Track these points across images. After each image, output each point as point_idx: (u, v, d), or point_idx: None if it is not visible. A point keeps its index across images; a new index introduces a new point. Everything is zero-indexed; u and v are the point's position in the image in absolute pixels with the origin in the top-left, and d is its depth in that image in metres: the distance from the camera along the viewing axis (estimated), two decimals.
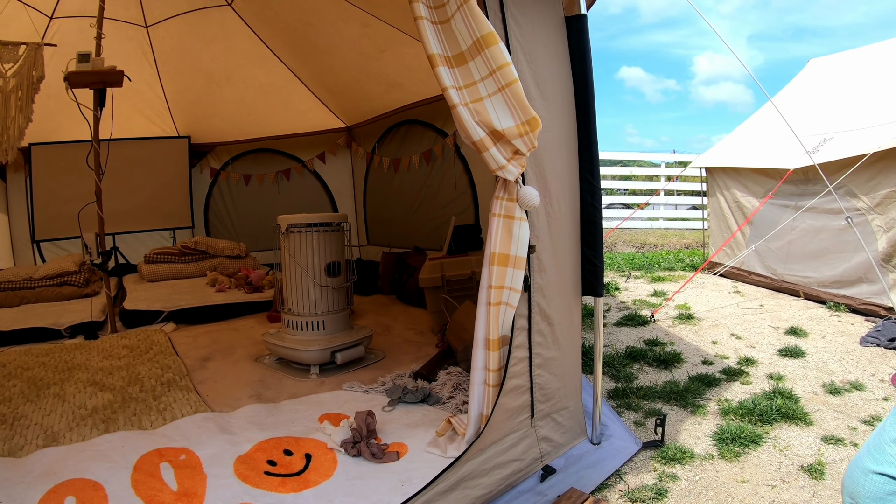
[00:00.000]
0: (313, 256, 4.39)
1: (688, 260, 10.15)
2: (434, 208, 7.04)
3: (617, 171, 15.63)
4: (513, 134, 2.45)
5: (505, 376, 2.68)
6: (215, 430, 3.31)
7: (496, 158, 2.48)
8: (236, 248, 8.12)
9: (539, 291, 2.80)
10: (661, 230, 13.28)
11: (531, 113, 2.44)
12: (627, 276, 9.05)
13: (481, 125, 2.46)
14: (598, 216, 3.03)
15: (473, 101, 2.48)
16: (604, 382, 4.27)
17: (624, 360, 4.74)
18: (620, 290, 7.90)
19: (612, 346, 5.18)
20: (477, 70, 2.48)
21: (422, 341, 5.11)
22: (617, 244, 12.10)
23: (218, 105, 8.09)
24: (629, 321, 6.06)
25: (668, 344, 5.21)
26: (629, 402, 3.94)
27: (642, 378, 4.42)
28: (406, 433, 3.25)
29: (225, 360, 4.74)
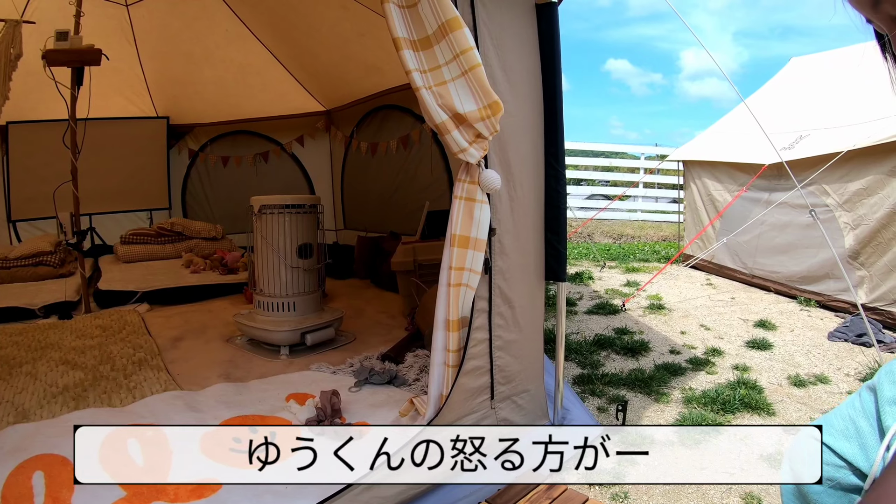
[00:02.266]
0: (285, 238, 4.40)
1: (663, 252, 10.22)
2: (410, 193, 7.04)
3: (599, 162, 15.68)
4: (475, 117, 2.47)
5: (464, 357, 2.70)
6: (183, 407, 3.33)
7: (458, 141, 2.50)
8: (213, 230, 8.09)
9: (500, 274, 2.83)
10: (639, 222, 13.37)
11: (493, 97, 2.46)
12: (602, 265, 9.10)
13: (444, 108, 2.47)
14: (563, 202, 3.05)
15: (437, 85, 2.49)
16: (570, 369, 4.33)
17: (592, 348, 4.79)
18: (594, 280, 7.95)
19: (581, 334, 5.23)
20: (441, 54, 2.50)
21: (393, 324, 5.14)
22: (595, 234, 12.17)
23: (197, 86, 8.03)
24: (600, 310, 6.11)
25: (636, 333, 5.26)
26: (594, 388, 3.99)
27: (609, 365, 4.47)
28: (370, 413, 3.29)
29: (196, 340, 4.74)
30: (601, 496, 2.80)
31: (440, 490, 2.65)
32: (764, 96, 8.55)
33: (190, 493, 2.47)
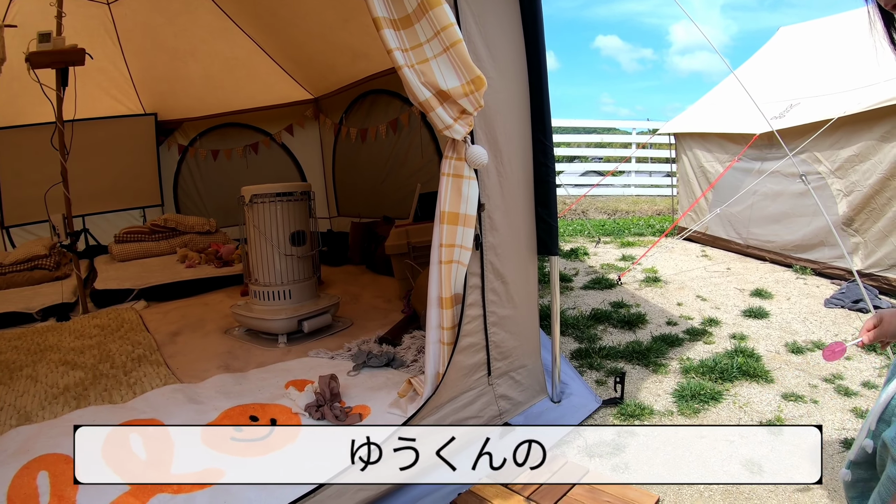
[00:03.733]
0: (278, 226, 4.39)
1: (658, 226, 10.23)
2: (402, 177, 7.03)
3: (591, 138, 15.66)
4: (458, 93, 2.46)
5: (459, 334, 2.71)
6: (183, 400, 3.32)
7: (443, 118, 2.49)
8: (206, 224, 8.08)
9: (492, 250, 2.83)
10: (633, 197, 13.36)
11: (476, 72, 2.45)
12: (597, 241, 9.10)
13: (427, 86, 2.47)
14: (552, 176, 3.05)
15: (419, 63, 2.48)
16: (568, 343, 4.34)
17: (588, 322, 4.80)
18: (589, 255, 7.95)
19: (577, 309, 5.24)
20: (422, 32, 2.49)
21: (389, 308, 5.14)
22: (589, 211, 12.16)
23: (184, 81, 8.00)
24: (596, 284, 6.11)
25: (633, 306, 5.27)
26: (592, 361, 3.99)
27: (606, 339, 4.48)
28: (369, 396, 3.29)
29: (194, 333, 4.74)
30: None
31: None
32: (753, 67, 8.53)
33: (193, 484, 2.47)
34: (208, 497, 2.37)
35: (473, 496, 2.56)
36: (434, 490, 2.58)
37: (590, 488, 2.58)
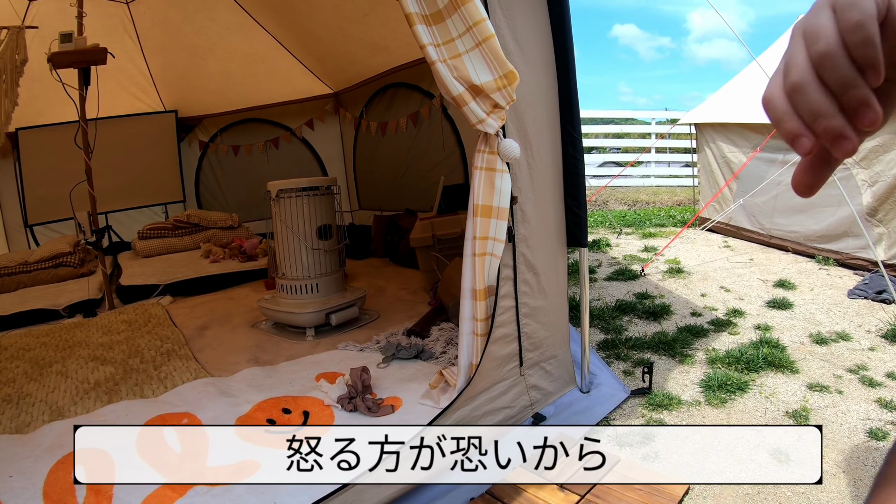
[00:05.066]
0: (304, 220, 4.43)
1: (679, 216, 10.19)
2: (423, 170, 7.05)
3: (609, 129, 15.60)
4: (491, 88, 2.49)
5: (492, 325, 2.74)
6: (215, 393, 3.37)
7: (476, 112, 2.52)
8: (229, 219, 8.13)
9: (523, 242, 2.86)
10: (652, 188, 13.30)
11: (508, 67, 2.47)
12: (619, 232, 9.09)
13: (460, 80, 2.49)
14: (581, 167, 3.08)
15: (452, 58, 2.51)
16: (594, 334, 4.35)
17: (614, 313, 4.81)
18: (611, 247, 7.95)
19: (602, 300, 5.25)
20: (454, 27, 2.51)
21: (415, 300, 5.18)
22: (609, 202, 12.13)
23: (203, 78, 8.05)
24: (619, 276, 6.12)
25: (657, 297, 5.27)
26: (618, 352, 4.01)
27: (632, 330, 4.49)
28: (400, 387, 3.32)
29: (222, 327, 4.79)
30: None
31: None
32: (775, 55, 8.45)
33: (230, 476, 2.51)
34: (245, 489, 2.41)
35: (508, 485, 2.59)
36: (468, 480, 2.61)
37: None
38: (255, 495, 2.38)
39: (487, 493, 2.57)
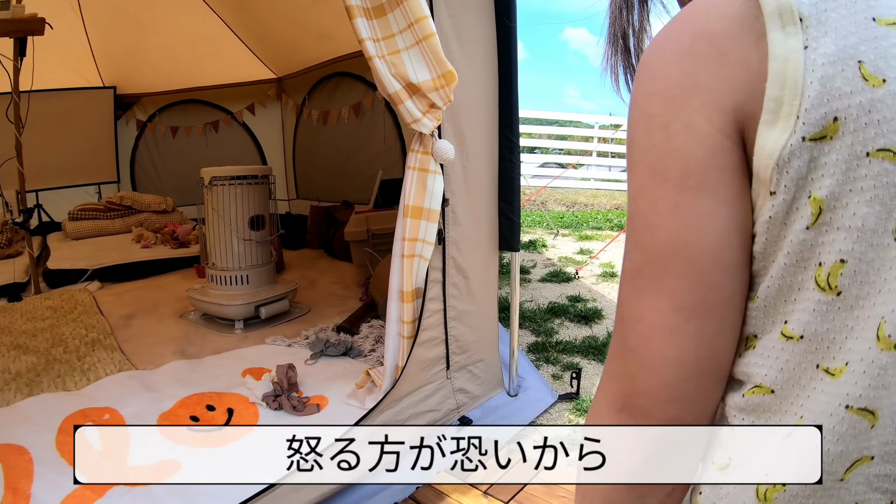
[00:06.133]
0: (237, 210, 4.32)
1: (616, 220, 10.30)
2: (363, 162, 6.97)
3: (553, 130, 15.70)
4: (428, 87, 2.45)
5: (419, 328, 2.71)
6: (139, 388, 3.27)
7: (411, 111, 2.48)
8: (163, 203, 7.92)
9: (454, 245, 2.83)
10: (592, 191, 13.43)
11: (447, 66, 2.44)
12: (555, 233, 9.16)
13: (397, 78, 2.45)
14: (517, 172, 3.07)
15: (391, 54, 2.47)
16: (525, 337, 4.36)
17: (546, 315, 4.83)
18: (547, 248, 8.00)
19: (535, 302, 5.27)
20: (395, 22, 2.47)
21: (347, 295, 5.12)
22: (548, 202, 12.18)
23: (145, 54, 7.78)
24: (554, 277, 6.15)
25: (590, 300, 5.32)
26: (548, 355, 4.03)
27: (563, 333, 4.52)
28: (327, 386, 3.27)
29: (150, 317, 4.65)
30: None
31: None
32: None
33: (150, 476, 2.44)
34: (165, 489, 2.35)
35: (432, 490, 2.58)
36: (391, 484, 2.59)
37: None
38: (174, 496, 2.33)
39: (411, 497, 2.55)
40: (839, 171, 0.54)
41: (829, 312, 0.56)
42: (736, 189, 0.59)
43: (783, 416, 0.61)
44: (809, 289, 0.57)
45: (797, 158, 0.55)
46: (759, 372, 0.62)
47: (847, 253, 0.54)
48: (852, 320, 0.55)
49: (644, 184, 0.63)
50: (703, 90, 0.58)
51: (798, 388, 0.59)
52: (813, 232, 0.56)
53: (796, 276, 0.58)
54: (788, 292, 0.59)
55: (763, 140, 0.56)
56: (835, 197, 0.54)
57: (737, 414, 0.66)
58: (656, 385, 0.62)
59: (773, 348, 0.61)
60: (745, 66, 0.57)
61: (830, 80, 0.53)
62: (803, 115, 0.54)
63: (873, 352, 0.54)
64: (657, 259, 0.62)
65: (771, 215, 0.58)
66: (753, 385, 0.63)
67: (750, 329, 0.64)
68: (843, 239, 0.54)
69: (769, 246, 0.59)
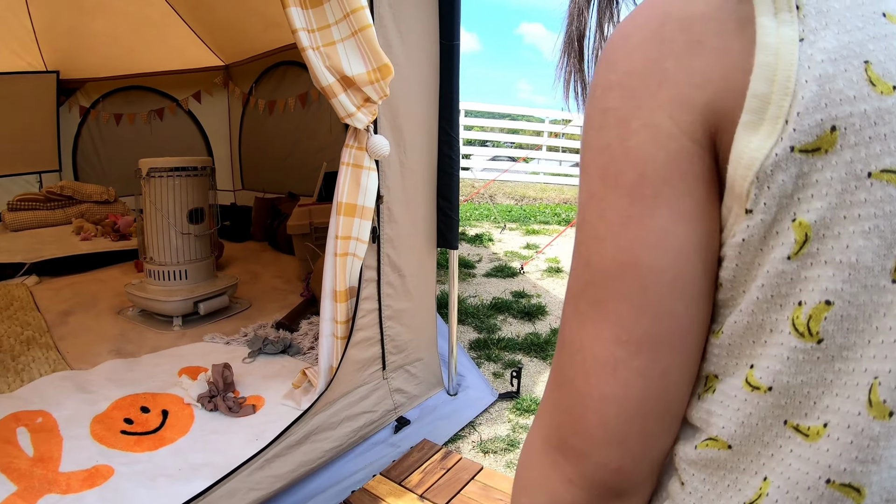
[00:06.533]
0: (175, 202, 4.21)
1: (564, 215, 10.36)
2: (308, 153, 6.86)
3: (505, 124, 15.74)
4: (363, 80, 2.39)
5: (353, 328, 2.66)
6: (73, 389, 3.18)
7: (345, 105, 2.42)
8: (105, 193, 7.71)
9: (389, 242, 2.78)
10: (541, 184, 13.48)
11: (383, 59, 2.38)
12: (502, 227, 9.16)
13: (331, 70, 2.39)
14: (456, 168, 3.03)
15: (325, 45, 2.40)
16: (467, 333, 4.34)
17: (489, 311, 4.82)
18: (494, 242, 8.01)
19: (478, 297, 5.25)
20: (332, 12, 2.40)
21: (289, 290, 5.03)
22: (497, 195, 12.19)
23: (89, 38, 7.54)
24: (499, 272, 6.14)
25: (534, 296, 5.31)
26: (490, 353, 4.01)
27: (506, 329, 4.50)
28: (264, 385, 3.22)
29: (87, 313, 4.51)
30: (495, 464, 2.82)
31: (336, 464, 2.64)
32: None
33: (82, 483, 2.38)
34: (97, 497, 2.30)
35: (367, 494, 2.54)
36: (325, 488, 2.55)
37: (483, 486, 2.58)
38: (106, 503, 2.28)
39: (345, 502, 2.51)
40: (833, 192, 0.45)
41: (805, 363, 0.47)
42: (701, 202, 0.50)
43: (740, 476, 0.52)
44: (785, 332, 0.48)
45: (782, 172, 0.46)
46: (716, 422, 0.54)
47: (835, 293, 0.45)
48: (832, 373, 0.47)
49: (594, 190, 0.54)
50: (670, 83, 0.50)
51: (760, 446, 0.51)
52: (795, 263, 0.47)
53: (770, 314, 0.49)
54: (759, 332, 0.50)
55: (741, 146, 0.47)
56: (825, 224, 0.45)
57: (687, 468, 0.57)
58: (594, 425, 0.54)
59: (734, 397, 0.52)
60: (723, 56, 0.48)
61: (830, 81, 0.45)
62: (794, 119, 0.45)
63: (863, 419, 0.45)
64: (603, 279, 0.53)
65: (745, 237, 0.49)
66: (708, 437, 0.54)
67: (710, 368, 0.55)
68: (832, 276, 0.45)
69: (740, 274, 0.51)
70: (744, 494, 0.51)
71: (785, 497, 0.49)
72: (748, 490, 0.51)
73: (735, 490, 0.52)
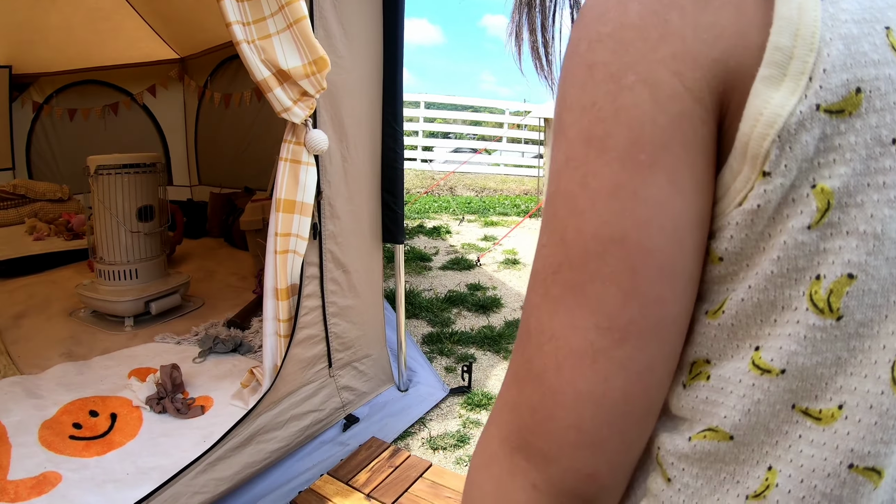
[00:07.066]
0: (124, 200, 4.12)
1: (523, 206, 10.37)
2: (265, 147, 6.73)
3: (467, 115, 15.72)
4: (299, 74, 2.35)
5: (295, 326, 2.62)
6: (22, 394, 3.12)
7: (281, 100, 2.38)
8: (58, 191, 7.56)
9: (332, 239, 2.75)
10: (501, 176, 13.49)
11: (319, 52, 2.35)
12: (461, 219, 9.15)
13: (267, 64, 2.35)
14: (400, 162, 3.01)
15: (261, 38, 2.36)
16: (420, 327, 4.32)
17: (443, 305, 4.80)
18: (451, 234, 8.01)
19: (434, 290, 5.23)
20: (267, 5, 2.36)
21: (243, 287, 4.97)
22: (457, 187, 12.18)
23: (42, 31, 7.36)
24: (455, 265, 6.13)
25: (490, 289, 5.30)
26: (443, 347, 3.99)
27: (460, 323, 4.49)
28: (214, 385, 3.18)
29: (39, 315, 4.41)
30: (445, 461, 2.81)
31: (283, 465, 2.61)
32: None
33: (30, 490, 2.34)
34: None
35: (313, 494, 2.51)
36: (272, 489, 2.53)
37: (431, 483, 2.57)
38: None
39: (292, 503, 2.48)
40: (857, 157, 0.41)
41: (822, 342, 0.43)
42: (699, 174, 0.45)
43: (738, 467, 0.48)
44: (801, 309, 0.44)
45: (806, 132, 0.42)
46: (717, 412, 0.48)
47: (858, 266, 0.42)
48: (846, 352, 0.43)
49: (574, 154, 0.47)
50: (674, 36, 0.44)
51: (764, 434, 0.46)
52: (815, 233, 0.43)
53: (783, 290, 0.44)
54: (769, 311, 0.45)
55: (760, 102, 0.42)
56: (848, 191, 0.42)
57: (675, 462, 0.51)
58: (565, 425, 0.47)
59: (738, 383, 0.47)
60: (735, 11, 0.43)
61: (855, 42, 0.41)
62: (820, 76, 0.41)
63: (887, 398, 0.42)
64: (581, 258, 0.46)
65: (760, 203, 0.44)
66: (706, 428, 0.49)
67: (700, 352, 0.50)
68: (855, 247, 0.42)
69: (748, 245, 0.46)
70: (744, 486, 0.47)
71: (800, 486, 0.45)
72: (749, 481, 0.47)
73: (733, 483, 0.48)
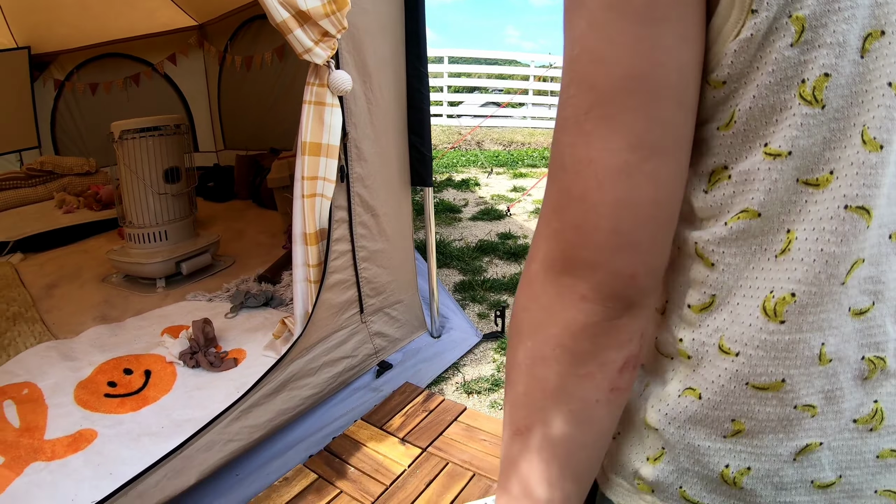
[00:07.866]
0: (150, 163, 4.12)
1: None
2: (289, 106, 6.66)
3: (492, 69, 15.55)
4: (318, 14, 2.29)
5: (325, 271, 2.59)
6: (57, 358, 3.17)
7: (302, 41, 2.33)
8: (85, 165, 7.60)
9: (359, 181, 2.70)
10: (529, 129, 13.33)
11: None
12: (489, 172, 9.06)
13: (285, 5, 2.29)
14: (426, 103, 2.94)
15: None
16: (452, 276, 4.29)
17: (474, 254, 4.76)
18: (480, 186, 7.94)
19: (464, 240, 5.19)
20: None
21: (273, 244, 4.96)
22: (484, 142, 12.06)
23: (57, 9, 7.34)
24: (485, 216, 6.08)
25: (521, 237, 5.25)
26: (475, 294, 3.96)
27: (491, 271, 4.45)
28: (246, 338, 3.19)
29: (71, 284, 4.46)
30: (479, 405, 2.78)
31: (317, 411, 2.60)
32: None
33: (67, 448, 2.38)
34: (82, 460, 2.30)
35: (348, 440, 2.51)
36: (307, 435, 2.52)
37: (466, 427, 2.55)
38: (90, 467, 2.28)
39: (326, 449, 2.48)
40: None
41: (814, 126, 0.55)
42: (698, 25, 0.56)
43: (764, 238, 0.59)
44: (795, 105, 0.55)
45: None
46: (746, 196, 0.59)
47: (830, 67, 0.53)
48: (830, 132, 0.55)
49: (597, 19, 0.56)
50: None
51: (780, 206, 0.57)
52: (797, 49, 0.54)
53: (779, 94, 0.55)
54: (771, 113, 0.56)
55: None
56: (816, 16, 0.52)
57: (716, 248, 0.62)
58: (607, 231, 0.56)
59: (757, 170, 0.58)
60: None
61: None
62: None
63: (862, 154, 0.54)
64: (612, 94, 0.55)
65: (752, 33, 0.54)
66: (740, 210, 0.60)
67: (718, 161, 0.61)
68: (826, 55, 0.53)
69: (746, 66, 0.56)
70: (772, 251, 0.59)
71: (812, 233, 0.56)
72: (775, 245, 0.58)
73: (762, 251, 0.59)
